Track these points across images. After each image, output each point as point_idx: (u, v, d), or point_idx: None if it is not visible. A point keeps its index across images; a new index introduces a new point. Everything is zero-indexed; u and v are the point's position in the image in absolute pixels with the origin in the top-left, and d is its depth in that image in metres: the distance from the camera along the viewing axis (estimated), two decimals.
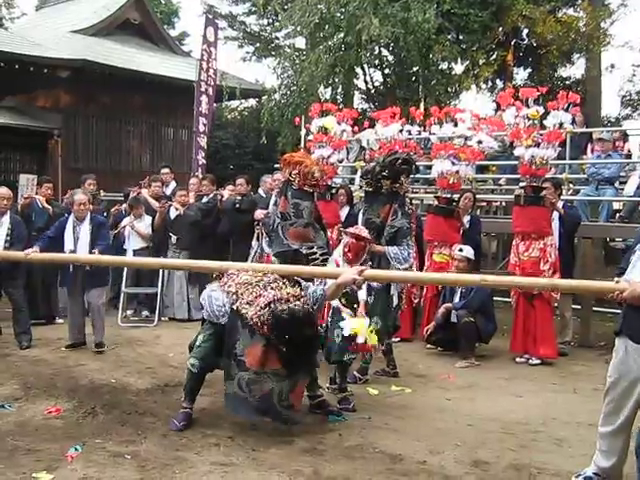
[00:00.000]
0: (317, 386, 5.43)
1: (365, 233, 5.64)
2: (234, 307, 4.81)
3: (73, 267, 7.07)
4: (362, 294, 5.66)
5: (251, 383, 4.68)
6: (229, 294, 4.89)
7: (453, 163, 7.89)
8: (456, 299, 7.30)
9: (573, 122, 8.38)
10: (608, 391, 3.99)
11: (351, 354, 5.47)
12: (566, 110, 7.16)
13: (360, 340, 5.22)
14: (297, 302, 4.72)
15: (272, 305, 4.65)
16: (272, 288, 4.81)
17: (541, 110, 7.10)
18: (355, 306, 5.50)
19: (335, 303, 5.51)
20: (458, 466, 4.32)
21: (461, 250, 7.32)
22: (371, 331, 5.29)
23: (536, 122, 7.09)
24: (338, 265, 5.49)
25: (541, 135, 7.08)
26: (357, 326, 5.23)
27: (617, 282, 3.90)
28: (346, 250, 5.56)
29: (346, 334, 5.26)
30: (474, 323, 7.03)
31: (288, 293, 4.76)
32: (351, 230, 5.70)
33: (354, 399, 5.57)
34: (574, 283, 5.63)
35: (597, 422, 4.09)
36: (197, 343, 5.08)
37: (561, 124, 7.18)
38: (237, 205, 9.25)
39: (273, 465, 4.25)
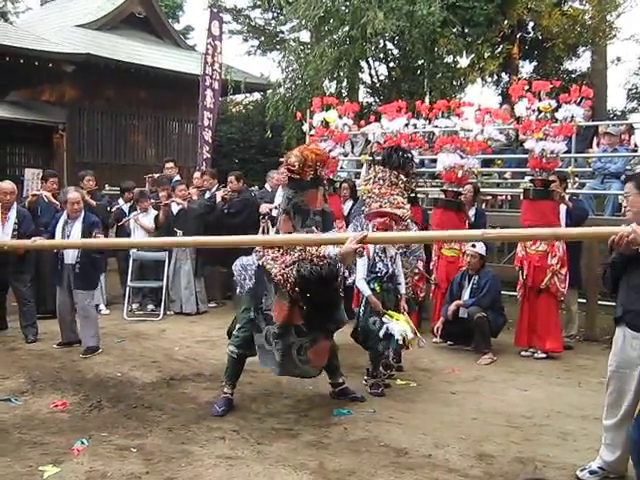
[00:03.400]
0: (339, 374, 5.56)
1: (388, 209, 5.79)
2: (260, 263, 4.96)
3: (61, 266, 6.94)
4: (403, 288, 5.85)
5: (276, 336, 4.82)
6: (257, 252, 5.07)
7: (462, 157, 7.87)
8: (465, 295, 7.26)
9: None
10: (609, 381, 4.01)
11: (386, 344, 5.58)
12: (578, 104, 7.13)
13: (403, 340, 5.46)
14: (321, 262, 4.78)
15: (297, 264, 4.74)
16: (298, 249, 4.89)
17: (554, 104, 7.08)
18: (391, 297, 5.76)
19: (367, 292, 5.68)
20: (463, 459, 4.32)
21: (474, 246, 7.28)
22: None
23: (548, 115, 7.07)
24: (368, 250, 5.69)
25: (552, 128, 7.06)
26: (403, 330, 5.46)
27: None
28: (374, 230, 5.71)
29: (398, 338, 5.45)
30: (486, 317, 7.01)
31: (312, 254, 4.81)
32: (374, 210, 5.86)
33: (383, 386, 5.75)
34: (576, 231, 5.64)
35: (602, 415, 4.10)
36: (235, 332, 5.22)
37: (572, 118, 7.15)
38: (226, 211, 9.22)
39: (278, 458, 4.26)
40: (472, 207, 8.37)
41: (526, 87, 7.17)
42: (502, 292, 7.71)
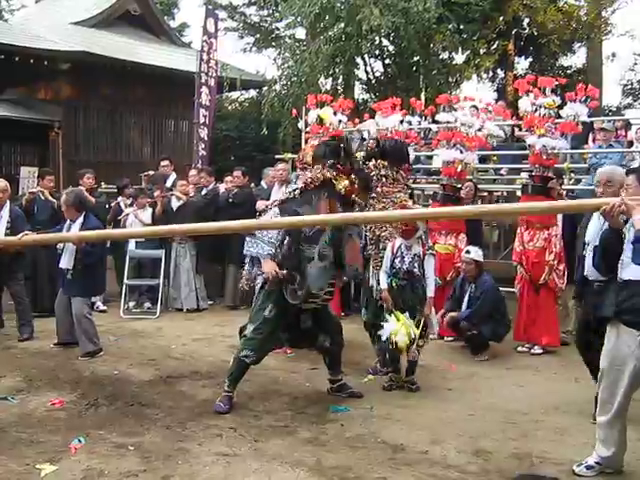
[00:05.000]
0: (340, 371, 5.61)
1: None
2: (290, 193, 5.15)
3: (63, 270, 6.83)
4: (430, 290, 5.72)
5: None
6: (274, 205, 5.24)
7: (461, 151, 7.87)
8: (464, 303, 7.16)
9: None
10: (602, 378, 4.02)
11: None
12: (583, 102, 7.15)
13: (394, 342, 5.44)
14: None
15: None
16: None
17: (558, 100, 7.10)
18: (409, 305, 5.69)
19: (382, 285, 5.75)
20: (460, 456, 4.33)
21: (468, 252, 7.21)
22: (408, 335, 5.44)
23: (552, 112, 7.08)
24: (394, 244, 5.80)
25: (555, 125, 7.07)
26: (394, 332, 5.44)
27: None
28: (400, 229, 5.75)
29: (383, 338, 5.49)
30: (479, 333, 6.89)
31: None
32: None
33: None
34: (571, 203, 5.80)
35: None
36: (248, 334, 5.20)
37: (575, 116, 7.15)
38: (230, 200, 9.24)
39: (275, 455, 4.27)
40: (469, 204, 8.37)
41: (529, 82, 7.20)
42: (501, 288, 7.64)
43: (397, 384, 5.77)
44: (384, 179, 6.10)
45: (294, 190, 5.21)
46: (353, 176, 5.26)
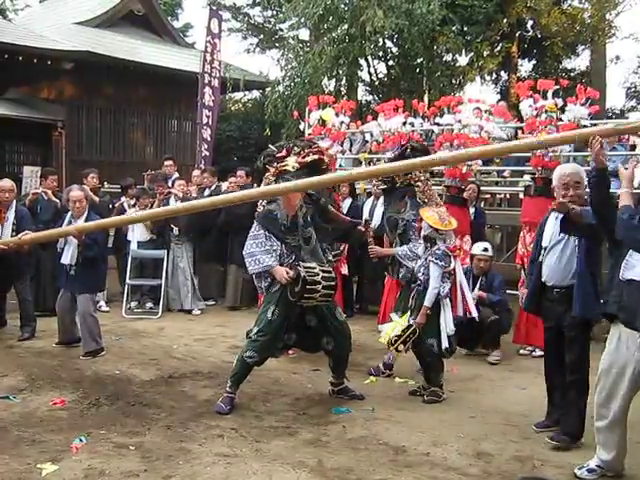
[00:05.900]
0: (343, 375, 5.59)
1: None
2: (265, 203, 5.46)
3: (65, 268, 6.80)
4: (427, 299, 5.48)
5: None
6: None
7: None
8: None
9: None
10: (599, 379, 4.00)
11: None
12: (583, 105, 7.14)
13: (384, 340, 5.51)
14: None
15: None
16: None
17: (560, 102, 7.09)
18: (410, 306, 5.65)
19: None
20: (461, 458, 4.33)
21: (486, 249, 7.18)
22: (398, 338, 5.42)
23: (553, 115, 7.08)
24: None
25: (557, 128, 7.06)
26: (383, 328, 5.58)
27: None
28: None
29: (380, 339, 5.60)
30: (499, 320, 6.87)
31: None
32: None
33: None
34: (555, 136, 5.94)
35: (593, 417, 4.10)
36: (253, 336, 5.21)
37: (577, 119, 7.15)
38: None
39: (276, 456, 4.26)
40: (472, 206, 8.37)
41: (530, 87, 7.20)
42: None
43: (420, 393, 5.67)
44: (428, 182, 6.09)
45: (260, 203, 5.49)
46: (292, 151, 5.35)
